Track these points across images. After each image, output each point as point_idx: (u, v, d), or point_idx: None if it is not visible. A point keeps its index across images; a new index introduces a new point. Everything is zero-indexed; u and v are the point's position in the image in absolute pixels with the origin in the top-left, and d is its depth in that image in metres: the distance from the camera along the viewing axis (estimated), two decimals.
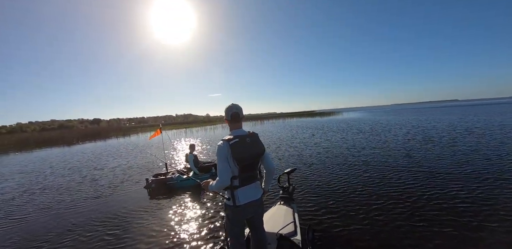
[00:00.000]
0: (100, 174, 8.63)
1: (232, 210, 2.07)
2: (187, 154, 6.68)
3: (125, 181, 7.47)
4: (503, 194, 4.37)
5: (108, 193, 6.32)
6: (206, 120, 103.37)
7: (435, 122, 19.25)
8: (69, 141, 31.54)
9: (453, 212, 3.84)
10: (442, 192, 4.64)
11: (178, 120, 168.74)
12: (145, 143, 20.39)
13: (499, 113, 24.96)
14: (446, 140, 9.98)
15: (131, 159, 11.72)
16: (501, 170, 5.65)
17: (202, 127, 46.52)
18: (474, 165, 6.23)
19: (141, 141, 23.35)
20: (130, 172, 8.65)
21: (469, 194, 4.49)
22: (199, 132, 30.85)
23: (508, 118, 17.90)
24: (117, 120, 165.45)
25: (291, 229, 2.82)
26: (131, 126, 76.67)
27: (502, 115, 21.24)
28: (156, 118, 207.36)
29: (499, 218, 3.57)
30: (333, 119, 37.14)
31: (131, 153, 13.86)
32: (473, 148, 8.02)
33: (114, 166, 10.12)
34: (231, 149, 1.93)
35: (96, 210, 5.18)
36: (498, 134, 10.59)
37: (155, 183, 6.18)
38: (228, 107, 2.13)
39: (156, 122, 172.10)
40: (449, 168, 6.18)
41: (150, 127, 58.67)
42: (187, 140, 20.57)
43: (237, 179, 2.01)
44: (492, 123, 15.44)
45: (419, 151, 8.19)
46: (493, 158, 6.74)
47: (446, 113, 31.62)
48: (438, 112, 37.89)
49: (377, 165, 6.91)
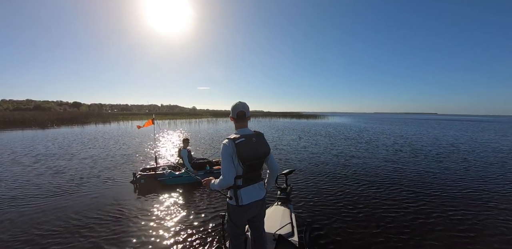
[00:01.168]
0: (72, 164, 7.86)
1: (235, 210, 2.05)
2: (180, 149, 6.25)
3: (105, 174, 6.85)
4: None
5: (85, 188, 5.69)
6: (192, 112, 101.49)
7: (420, 134, 19.64)
8: (43, 123, 29.63)
9: (450, 212, 4.13)
10: (438, 193, 5.11)
11: (163, 111, 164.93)
12: (126, 132, 19.40)
13: (479, 130, 25.98)
14: (434, 150, 10.07)
15: (110, 149, 10.91)
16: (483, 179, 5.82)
17: (187, 119, 45.45)
18: (461, 170, 6.55)
19: (121, 129, 22.23)
20: (110, 164, 7.98)
21: (460, 196, 5.03)
22: (183, 125, 29.98)
23: (488, 135, 18.59)
24: (99, 105, 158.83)
25: (289, 230, 2.84)
26: (113, 113, 73.72)
27: (482, 132, 22.07)
28: (140, 107, 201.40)
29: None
30: (319, 123, 37.43)
31: (110, 142, 12.99)
32: (459, 160, 8.17)
33: (90, 155, 9.34)
34: (236, 148, 1.91)
35: (69, 207, 4.57)
36: (490, 153, 10.83)
37: (144, 178, 5.70)
38: (235, 105, 2.09)
39: (140, 110, 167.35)
40: (441, 171, 6.92)
41: (133, 116, 56.56)
42: (171, 132, 19.79)
43: (241, 179, 1.99)
44: (475, 139, 15.93)
45: (408, 160, 8.33)
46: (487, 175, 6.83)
47: (429, 126, 32.56)
48: (420, 124, 39.00)
49: (367, 171, 6.91)
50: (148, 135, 17.01)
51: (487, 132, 23.24)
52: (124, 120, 40.89)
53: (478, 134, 20.80)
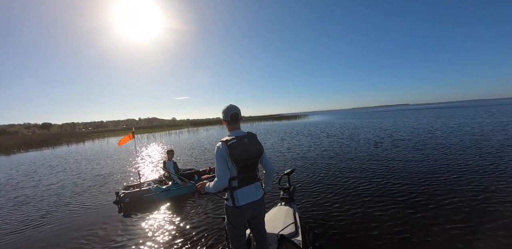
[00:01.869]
0: (37, 192, 7.11)
1: (232, 211, 2.05)
2: (165, 162, 5.98)
3: (78, 199, 6.23)
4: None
5: (56, 217, 5.08)
6: (172, 124, 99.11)
7: (398, 125, 20.22)
8: (8, 149, 27.43)
9: (455, 212, 3.91)
10: (428, 181, 5.11)
11: (142, 125, 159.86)
12: (101, 151, 18.33)
13: (448, 115, 27.28)
14: (414, 139, 10.25)
15: (82, 170, 10.10)
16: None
17: (166, 131, 44.14)
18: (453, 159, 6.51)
19: (96, 148, 21.01)
20: (83, 187, 7.30)
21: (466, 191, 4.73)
22: (163, 137, 28.99)
23: (458, 120, 19.42)
24: (71, 124, 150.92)
25: (292, 230, 2.82)
26: (87, 131, 70.15)
27: (451, 117, 23.15)
28: (117, 123, 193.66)
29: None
30: (300, 123, 37.78)
31: (82, 163, 12.09)
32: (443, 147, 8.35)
33: (63, 179, 8.56)
34: (229, 150, 1.93)
35: (38, 241, 4.00)
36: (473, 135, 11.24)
37: (129, 196, 5.35)
38: (227, 108, 2.10)
39: (117, 126, 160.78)
40: (435, 163, 6.67)
41: (109, 133, 54.18)
42: (151, 146, 18.95)
43: (235, 180, 2.00)
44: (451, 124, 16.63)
45: (392, 152, 8.28)
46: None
47: (404, 117, 33.78)
48: (395, 115, 40.47)
49: (358, 167, 6.76)
50: (124, 151, 16.15)
51: (456, 117, 24.46)
52: (99, 138, 38.99)
53: (448, 119, 21.81)
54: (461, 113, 31.04)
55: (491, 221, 3.53)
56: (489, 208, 3.94)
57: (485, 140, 9.66)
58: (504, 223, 3.46)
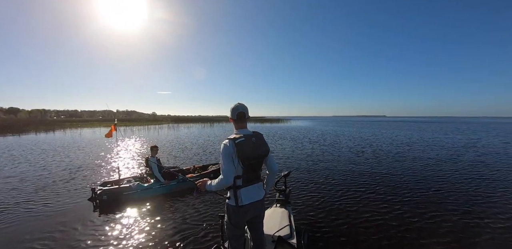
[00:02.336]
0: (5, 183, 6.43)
1: (235, 210, 2.03)
2: (147, 158, 5.60)
3: (50, 193, 5.68)
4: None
5: (21, 214, 4.53)
6: (151, 118, 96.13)
7: (377, 135, 20.86)
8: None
9: (447, 225, 3.97)
10: (435, 192, 5.31)
11: (120, 117, 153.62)
12: (73, 142, 17.20)
13: (421, 129, 28.63)
14: (394, 150, 10.54)
15: (50, 162, 9.32)
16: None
17: (145, 126, 42.59)
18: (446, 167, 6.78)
19: (67, 139, 19.72)
20: (54, 181, 6.67)
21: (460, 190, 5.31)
22: (141, 132, 27.87)
23: (432, 134, 20.42)
24: (42, 111, 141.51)
25: (287, 232, 2.81)
26: (59, 120, 66.19)
27: (425, 131, 24.29)
28: (92, 113, 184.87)
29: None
30: (283, 127, 38.00)
31: (50, 154, 11.18)
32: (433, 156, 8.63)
33: (21, 172, 7.81)
34: (236, 148, 1.92)
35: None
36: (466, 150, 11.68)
37: (107, 193, 4.98)
38: (234, 107, 2.12)
39: (93, 117, 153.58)
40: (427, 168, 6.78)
41: (83, 123, 51.31)
42: (128, 140, 18.06)
43: (240, 179, 1.99)
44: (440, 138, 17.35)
45: (378, 160, 8.43)
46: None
47: (382, 128, 35.08)
48: (374, 125, 42.00)
49: (351, 173, 6.78)
50: (99, 144, 15.26)
51: (428, 131, 25.75)
52: (71, 128, 36.77)
53: (423, 133, 22.87)
54: (433, 128, 32.73)
55: (476, 235, 3.65)
56: (472, 220, 4.12)
57: (459, 155, 10.14)
58: (487, 238, 3.56)
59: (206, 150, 12.43)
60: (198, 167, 7.01)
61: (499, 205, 4.82)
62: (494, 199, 5.11)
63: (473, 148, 12.63)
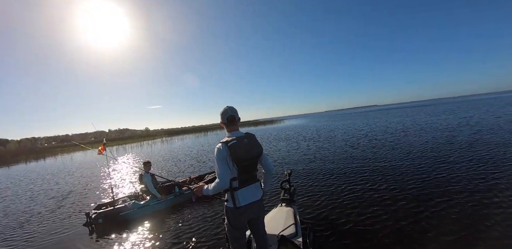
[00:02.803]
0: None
1: (233, 212, 2.05)
2: (142, 174, 5.48)
3: (42, 224, 5.38)
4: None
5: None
6: (145, 134, 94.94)
7: (372, 125, 20.81)
8: None
9: (454, 211, 3.78)
10: (444, 189, 4.69)
11: (112, 136, 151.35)
12: (64, 167, 16.63)
13: (414, 114, 28.75)
14: (390, 138, 10.42)
15: (38, 191, 8.85)
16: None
17: (138, 142, 41.87)
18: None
19: (58, 165, 19.09)
20: (47, 210, 6.27)
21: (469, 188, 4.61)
22: (134, 149, 27.32)
23: (425, 117, 20.44)
24: (32, 139, 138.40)
25: (292, 231, 2.81)
26: (49, 146, 64.71)
27: (417, 116, 24.36)
28: (84, 135, 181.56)
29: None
30: (276, 127, 37.83)
31: (38, 183, 10.68)
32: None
33: (14, 203, 7.33)
34: (229, 150, 1.93)
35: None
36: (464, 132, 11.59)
37: (102, 217, 4.78)
38: (224, 111, 2.12)
39: (84, 140, 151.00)
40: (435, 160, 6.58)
41: (74, 147, 50.07)
42: (122, 159, 17.47)
43: (236, 181, 2.00)
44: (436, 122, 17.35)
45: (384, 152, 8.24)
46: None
47: (375, 117, 35.14)
48: (367, 116, 41.88)
49: (354, 169, 6.48)
50: (90, 167, 14.77)
51: (421, 115, 25.85)
52: (63, 153, 35.93)
53: (415, 117, 22.95)
54: (425, 111, 33.01)
55: (490, 220, 3.42)
56: (487, 205, 3.85)
57: (454, 136, 10.00)
58: (499, 222, 3.34)
59: (200, 160, 12.11)
60: (195, 178, 6.85)
61: (504, 181, 4.67)
62: (498, 176, 4.97)
63: (468, 126, 12.56)
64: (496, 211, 3.59)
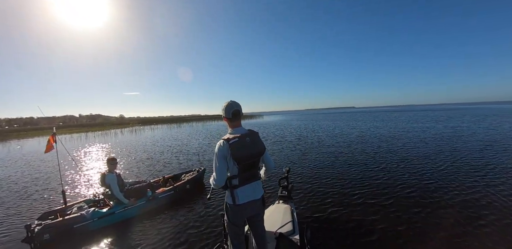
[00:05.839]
0: None
1: (233, 209, 2.05)
2: (104, 174, 4.37)
3: None
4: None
5: None
6: (118, 122, 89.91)
7: (356, 127, 20.31)
8: None
9: (453, 210, 3.91)
10: (444, 188, 4.88)
11: (83, 122, 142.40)
12: (6, 157, 14.33)
13: (393, 119, 28.93)
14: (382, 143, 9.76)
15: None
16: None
17: (108, 130, 38.79)
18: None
19: (5, 152, 16.60)
20: None
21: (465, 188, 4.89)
22: (101, 137, 24.88)
23: (405, 124, 20.34)
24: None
25: (290, 228, 2.84)
26: (6, 130, 58.96)
27: (397, 121, 24.37)
28: (51, 119, 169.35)
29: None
30: (257, 122, 36.71)
31: None
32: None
33: None
34: (230, 149, 1.89)
35: None
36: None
37: (49, 231, 3.61)
38: (228, 105, 2.04)
39: (52, 123, 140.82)
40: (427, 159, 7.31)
41: (35, 131, 45.73)
42: (78, 151, 15.31)
43: (236, 179, 1.99)
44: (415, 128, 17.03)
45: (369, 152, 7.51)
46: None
47: (355, 119, 35.06)
48: (348, 117, 41.75)
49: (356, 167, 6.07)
50: (34, 160, 12.65)
51: (401, 120, 25.87)
52: (20, 138, 32.28)
53: (397, 123, 22.75)
54: (404, 118, 33.42)
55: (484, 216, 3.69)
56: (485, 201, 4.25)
57: (444, 144, 9.39)
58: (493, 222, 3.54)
59: (178, 156, 10.46)
60: (169, 178, 5.79)
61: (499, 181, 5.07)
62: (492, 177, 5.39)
63: (455, 136, 12.12)
64: (492, 211, 3.82)
